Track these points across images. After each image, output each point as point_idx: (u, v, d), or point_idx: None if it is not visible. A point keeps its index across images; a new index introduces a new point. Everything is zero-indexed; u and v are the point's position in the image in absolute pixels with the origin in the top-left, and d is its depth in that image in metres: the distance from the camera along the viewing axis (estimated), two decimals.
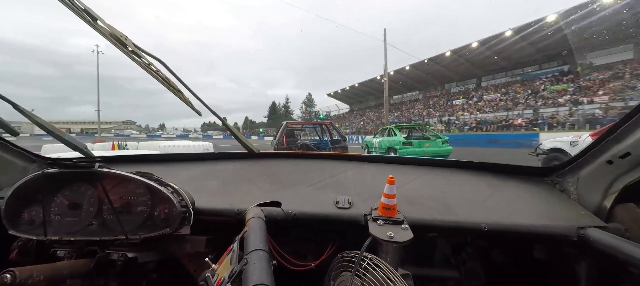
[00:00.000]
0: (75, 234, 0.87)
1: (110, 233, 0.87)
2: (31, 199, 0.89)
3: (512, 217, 0.96)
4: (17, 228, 0.86)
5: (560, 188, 1.14)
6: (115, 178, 0.91)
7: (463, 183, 1.22)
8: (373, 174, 1.30)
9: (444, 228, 0.94)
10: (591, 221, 0.92)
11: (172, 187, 0.91)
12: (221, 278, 0.60)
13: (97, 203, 0.91)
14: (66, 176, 0.89)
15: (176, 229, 0.89)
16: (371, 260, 0.70)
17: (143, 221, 0.90)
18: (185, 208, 0.90)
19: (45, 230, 0.86)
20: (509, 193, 1.13)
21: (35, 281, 0.71)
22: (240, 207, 0.96)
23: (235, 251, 0.67)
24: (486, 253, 1.15)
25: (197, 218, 0.93)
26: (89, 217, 0.90)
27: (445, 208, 1.00)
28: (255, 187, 1.15)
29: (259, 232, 0.73)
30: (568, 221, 0.93)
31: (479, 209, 1.01)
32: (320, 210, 0.98)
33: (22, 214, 0.88)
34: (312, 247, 1.08)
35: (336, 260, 0.81)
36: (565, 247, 0.99)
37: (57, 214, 0.90)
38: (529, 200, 1.08)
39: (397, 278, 0.64)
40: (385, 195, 0.85)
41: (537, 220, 0.94)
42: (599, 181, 0.97)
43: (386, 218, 0.85)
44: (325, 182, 1.20)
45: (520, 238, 0.99)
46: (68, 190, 0.92)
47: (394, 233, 0.76)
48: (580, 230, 0.88)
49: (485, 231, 0.90)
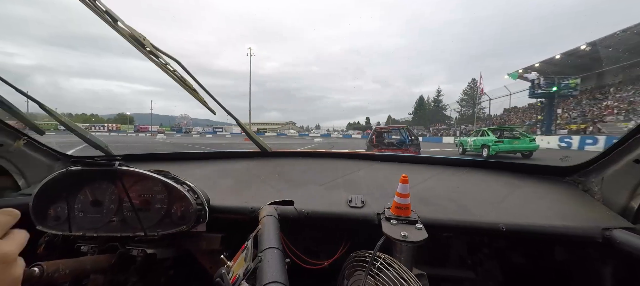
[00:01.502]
0: (97, 230, 0.90)
1: (130, 230, 0.90)
2: (56, 196, 0.93)
3: (532, 217, 0.93)
4: (44, 223, 0.90)
5: (583, 188, 1.09)
6: (134, 176, 0.94)
7: (479, 183, 1.19)
8: (385, 173, 1.29)
9: (459, 228, 0.92)
10: (617, 222, 0.88)
11: (188, 185, 0.94)
12: (236, 275, 0.61)
13: (118, 201, 0.95)
14: (88, 174, 0.93)
15: (192, 226, 0.91)
16: (384, 259, 0.69)
17: (161, 218, 0.93)
18: (200, 206, 0.92)
19: (70, 226, 0.90)
20: (528, 192, 1.10)
21: (61, 275, 0.74)
22: (253, 205, 0.97)
23: (250, 249, 0.68)
24: (504, 254, 1.12)
25: (212, 216, 0.95)
26: (110, 214, 0.94)
27: (460, 207, 0.98)
28: (268, 186, 1.16)
29: (272, 230, 0.74)
30: (592, 222, 0.89)
31: (497, 209, 0.98)
32: (332, 209, 0.98)
33: (49, 210, 0.92)
34: (325, 246, 1.08)
35: (349, 259, 0.81)
36: (588, 249, 0.95)
37: (81, 210, 0.94)
38: (549, 200, 1.04)
39: (411, 278, 0.63)
40: (398, 194, 0.84)
41: (559, 221, 0.90)
42: (626, 181, 0.93)
43: (400, 218, 0.84)
44: (337, 181, 1.20)
45: (540, 239, 0.96)
46: (90, 187, 0.96)
47: (408, 233, 0.76)
48: (605, 231, 0.84)
49: (503, 232, 0.88)
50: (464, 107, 60.32)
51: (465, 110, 60.20)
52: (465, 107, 60.02)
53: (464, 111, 59.97)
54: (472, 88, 60.00)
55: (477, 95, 55.48)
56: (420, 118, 66.25)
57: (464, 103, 60.28)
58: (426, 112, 67.48)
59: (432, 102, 68.69)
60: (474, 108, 56.45)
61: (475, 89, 56.80)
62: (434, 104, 68.15)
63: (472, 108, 56.95)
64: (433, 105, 68.24)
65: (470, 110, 57.83)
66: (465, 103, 60.10)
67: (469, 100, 59.37)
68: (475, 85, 57.86)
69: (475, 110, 51.91)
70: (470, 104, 58.29)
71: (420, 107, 70.84)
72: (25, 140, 1.09)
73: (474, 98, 56.96)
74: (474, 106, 55.90)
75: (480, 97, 46.13)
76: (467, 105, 59.51)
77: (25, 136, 1.09)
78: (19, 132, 1.07)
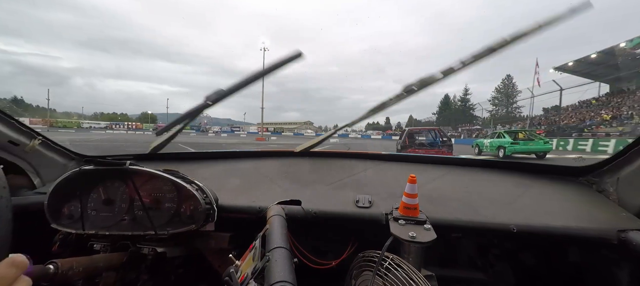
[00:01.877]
0: (109, 228, 0.92)
1: (141, 228, 0.92)
2: (70, 195, 0.95)
3: (544, 218, 0.91)
4: (59, 222, 0.92)
5: (598, 189, 1.06)
6: (145, 176, 0.96)
7: (489, 183, 1.17)
8: (393, 173, 1.28)
9: (469, 228, 0.91)
10: (634, 223, 0.85)
11: (197, 185, 0.95)
12: (244, 274, 0.62)
13: (129, 200, 0.97)
14: (101, 173, 0.95)
15: (201, 225, 0.92)
16: (393, 260, 0.69)
17: (170, 217, 0.94)
18: (209, 205, 0.93)
19: (83, 224, 0.92)
20: (540, 193, 1.07)
21: (75, 273, 0.76)
22: (261, 205, 0.97)
23: (258, 248, 0.68)
24: (515, 256, 1.10)
25: (221, 215, 0.96)
26: (121, 212, 0.96)
27: (469, 208, 0.97)
28: (276, 185, 1.16)
29: (280, 230, 0.74)
30: (607, 223, 0.87)
31: (507, 209, 0.96)
32: (340, 209, 0.98)
33: (63, 209, 0.95)
34: (333, 246, 1.08)
35: (357, 259, 0.81)
36: (603, 251, 0.92)
37: (94, 209, 0.96)
38: (562, 201, 1.02)
39: (420, 279, 0.62)
40: (406, 194, 0.84)
41: (572, 222, 0.88)
42: None
43: (408, 218, 0.83)
44: (344, 181, 1.19)
45: (553, 240, 0.94)
46: (103, 186, 0.98)
47: (416, 233, 0.75)
48: (620, 233, 0.82)
49: (515, 233, 0.86)
50: (497, 106, 56.04)
51: (498, 110, 55.78)
52: (498, 106, 55.77)
53: (497, 110, 55.66)
54: (506, 85, 55.63)
55: (512, 92, 53.05)
56: (445, 118, 62.47)
57: (498, 102, 55.91)
58: (452, 111, 63.60)
59: (459, 101, 64.16)
60: (508, 107, 53.66)
61: (510, 86, 54.31)
62: (460, 103, 63.63)
63: (507, 107, 54.07)
64: (459, 104, 63.84)
65: (504, 110, 54.28)
66: (499, 101, 55.71)
67: (502, 99, 55.24)
68: (510, 81, 54.78)
69: (510, 109, 48.24)
70: (505, 103, 54.47)
71: (445, 106, 66.65)
72: (41, 140, 1.11)
73: (508, 97, 54.06)
74: (509, 105, 53.16)
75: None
76: (501, 104, 55.34)
77: (41, 136, 1.12)
78: (34, 131, 1.10)
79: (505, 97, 54.78)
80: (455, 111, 62.80)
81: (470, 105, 61.26)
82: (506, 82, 56.21)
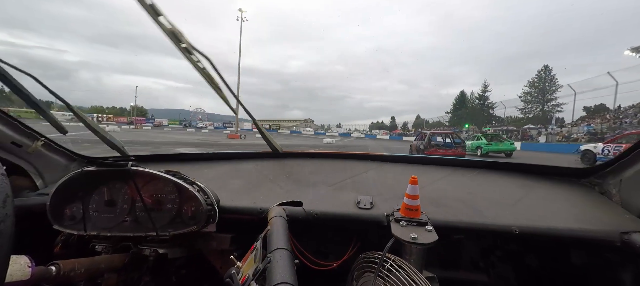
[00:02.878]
0: (111, 230, 0.93)
1: (143, 230, 0.92)
2: (72, 196, 0.95)
3: (547, 220, 0.90)
4: (61, 223, 0.93)
5: (601, 190, 1.06)
6: (146, 177, 0.96)
7: (491, 184, 1.17)
8: (395, 174, 1.28)
9: (470, 230, 0.90)
10: (637, 225, 0.85)
11: (198, 186, 0.95)
12: (246, 275, 0.62)
13: (130, 201, 0.97)
14: (103, 174, 0.95)
15: (203, 226, 0.92)
16: (394, 261, 0.69)
17: (172, 218, 0.94)
18: (210, 206, 0.93)
19: (85, 226, 0.92)
20: (542, 194, 1.07)
21: (77, 274, 0.76)
22: (262, 206, 0.97)
23: (259, 249, 0.68)
24: (517, 258, 1.09)
25: (222, 217, 0.96)
26: (123, 214, 0.96)
27: (471, 209, 0.97)
28: (277, 186, 1.16)
29: (281, 231, 0.74)
30: (610, 225, 0.86)
31: (510, 211, 0.96)
32: (341, 210, 0.97)
33: (65, 210, 0.95)
34: (334, 247, 1.08)
35: (358, 261, 0.80)
36: (606, 253, 0.92)
37: (95, 210, 0.96)
38: (565, 202, 1.02)
39: (421, 280, 0.62)
40: (407, 195, 0.84)
41: (575, 224, 0.88)
42: None
43: (409, 219, 0.83)
44: (346, 182, 1.19)
45: (556, 242, 0.94)
46: (105, 187, 0.98)
47: (418, 235, 0.75)
48: (623, 234, 0.81)
49: (517, 235, 0.86)
50: (529, 104, 46.61)
51: (531, 108, 46.50)
52: (531, 104, 46.48)
53: (530, 109, 46.42)
54: (541, 78, 45.70)
55: (548, 87, 43.25)
56: (460, 118, 53.62)
57: (530, 98, 46.49)
58: (469, 110, 54.86)
59: (476, 99, 55.02)
60: (543, 105, 44.08)
61: (546, 79, 44.57)
62: (478, 101, 54.28)
63: (542, 105, 44.38)
64: (477, 102, 54.68)
65: (539, 107, 45.00)
66: (532, 98, 46.46)
67: (536, 95, 45.83)
68: (548, 74, 44.49)
69: (547, 107, 40.92)
70: (539, 100, 45.04)
71: (461, 104, 57.57)
72: (43, 141, 1.12)
73: (544, 92, 44.40)
74: (544, 102, 43.54)
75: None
76: (535, 101, 46.04)
77: (43, 137, 1.13)
78: (36, 133, 1.10)
79: (541, 92, 45.14)
80: (472, 110, 54.22)
81: (489, 104, 52.85)
82: (543, 75, 45.69)
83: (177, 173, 0.96)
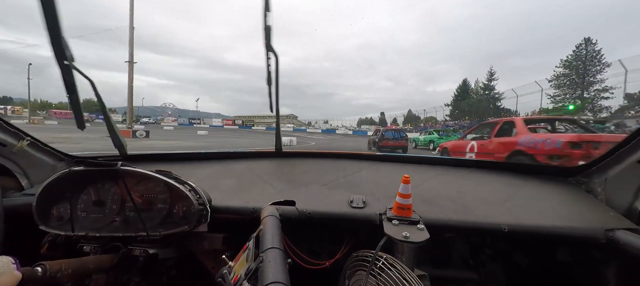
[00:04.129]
0: (100, 230, 0.91)
1: (133, 230, 0.91)
2: (60, 196, 0.93)
3: (535, 218, 0.92)
4: (47, 224, 0.91)
5: (586, 189, 1.08)
6: (136, 176, 0.94)
7: (481, 183, 1.19)
8: (387, 174, 1.29)
9: (461, 228, 0.92)
10: (620, 223, 0.87)
11: (190, 185, 0.94)
12: (238, 275, 0.62)
13: (120, 201, 0.95)
14: (91, 174, 0.93)
15: (194, 226, 0.91)
16: (386, 259, 0.69)
17: (163, 218, 0.93)
18: (202, 206, 0.92)
19: (73, 226, 0.90)
20: (530, 193, 1.09)
21: (64, 275, 0.74)
22: (255, 206, 0.97)
23: (251, 249, 0.68)
24: (507, 255, 1.11)
25: (214, 216, 0.96)
26: (112, 214, 0.94)
27: (462, 208, 0.98)
28: (270, 186, 1.16)
29: (274, 231, 0.74)
30: (595, 222, 0.89)
31: (499, 209, 0.98)
32: (334, 209, 0.98)
33: (52, 210, 0.93)
34: (327, 246, 1.08)
35: (351, 259, 0.81)
36: (592, 250, 0.94)
37: (84, 211, 0.94)
38: (552, 201, 1.04)
39: (412, 279, 0.63)
40: (400, 194, 0.84)
41: (562, 221, 0.90)
42: (630, 181, 0.92)
43: (401, 218, 0.84)
44: (339, 181, 1.20)
45: (543, 240, 0.96)
46: (93, 187, 0.96)
47: (410, 233, 0.75)
48: (608, 232, 0.84)
49: (506, 233, 0.88)
50: (561, 87, 36.36)
51: (565, 95, 36.11)
52: (567, 88, 36.03)
53: (564, 95, 36.09)
54: (578, 55, 34.94)
55: (590, 67, 32.51)
56: (463, 111, 47.22)
57: (564, 81, 36.14)
58: (473, 101, 47.43)
59: (481, 89, 47.77)
60: (584, 89, 33.65)
61: (588, 58, 33.67)
62: (483, 91, 46.72)
63: (582, 88, 33.99)
64: (481, 93, 47.16)
65: (577, 92, 34.86)
66: (566, 79, 36.05)
67: (573, 76, 35.39)
68: (591, 48, 33.52)
69: (590, 93, 31.67)
70: (579, 84, 34.44)
71: (464, 94, 50.07)
72: (29, 141, 1.09)
73: (585, 72, 33.92)
74: (585, 86, 33.36)
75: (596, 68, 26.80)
76: (572, 86, 35.51)
77: (29, 136, 1.10)
78: (22, 132, 1.08)
79: (580, 74, 34.78)
80: (477, 102, 46.58)
81: (495, 94, 44.68)
82: (585, 50, 34.53)
83: (168, 172, 0.95)
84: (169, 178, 0.93)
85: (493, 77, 46.33)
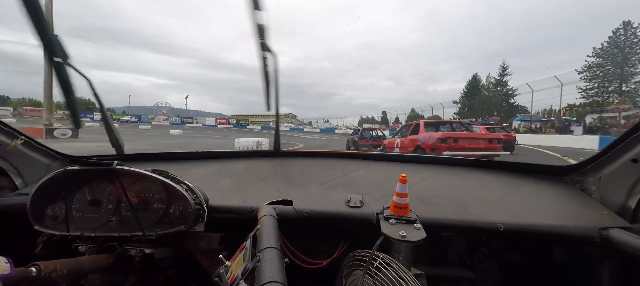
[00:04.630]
0: (95, 230, 0.90)
1: (129, 230, 0.90)
2: (54, 196, 0.92)
3: (530, 217, 0.93)
4: (42, 223, 0.90)
5: (581, 188, 1.09)
6: (133, 176, 0.94)
7: (478, 182, 1.19)
8: (385, 173, 1.29)
9: (458, 227, 0.92)
10: (614, 221, 0.88)
11: (187, 185, 0.93)
12: (234, 275, 0.61)
13: (116, 200, 0.94)
14: (87, 173, 0.92)
15: (191, 226, 0.91)
16: (383, 259, 0.69)
17: (159, 218, 0.93)
18: (199, 206, 0.91)
19: (68, 226, 0.89)
20: (526, 192, 1.10)
21: (59, 275, 0.74)
22: (252, 205, 0.97)
23: (248, 248, 0.68)
24: (503, 254, 1.12)
25: (211, 216, 0.95)
26: (108, 213, 0.93)
27: (459, 207, 0.99)
28: (267, 185, 1.16)
29: (271, 230, 0.74)
30: (590, 221, 0.89)
31: (495, 208, 0.98)
32: (331, 209, 0.98)
33: (46, 210, 0.92)
34: (324, 245, 1.08)
35: (348, 259, 0.81)
36: (586, 248, 0.95)
37: (79, 210, 0.93)
38: (547, 200, 1.05)
39: (409, 278, 0.63)
40: (397, 194, 0.85)
41: (557, 220, 0.91)
42: (623, 180, 0.93)
43: (398, 217, 0.84)
44: (336, 181, 1.20)
45: (539, 238, 0.96)
46: (88, 187, 0.95)
47: (407, 233, 0.76)
48: (602, 230, 0.84)
49: (502, 232, 0.88)
50: (593, 80, 31.47)
51: (599, 88, 31.37)
52: (600, 81, 31.28)
53: (599, 89, 31.45)
54: (615, 42, 29.99)
55: (629, 54, 27.65)
56: (472, 109, 43.38)
57: (597, 72, 31.43)
58: (483, 98, 43.75)
59: (492, 84, 44.28)
60: (623, 81, 29.00)
61: (627, 44, 28.79)
62: (495, 87, 43.06)
63: (620, 80, 29.40)
64: (493, 88, 43.65)
65: (612, 85, 30.41)
66: (600, 70, 31.37)
67: (609, 66, 30.76)
68: (631, 31, 28.65)
69: (630, 86, 27.33)
70: (614, 74, 29.65)
71: (474, 90, 46.69)
72: (23, 140, 1.08)
73: (623, 63, 29.05)
74: (625, 78, 28.59)
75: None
76: (606, 78, 30.83)
77: (23, 135, 1.09)
78: (16, 131, 1.07)
79: (618, 64, 29.66)
80: (489, 98, 42.73)
81: (509, 90, 40.58)
82: (623, 36, 29.58)
83: (165, 172, 0.94)
84: (166, 177, 0.92)
85: (506, 71, 42.51)
